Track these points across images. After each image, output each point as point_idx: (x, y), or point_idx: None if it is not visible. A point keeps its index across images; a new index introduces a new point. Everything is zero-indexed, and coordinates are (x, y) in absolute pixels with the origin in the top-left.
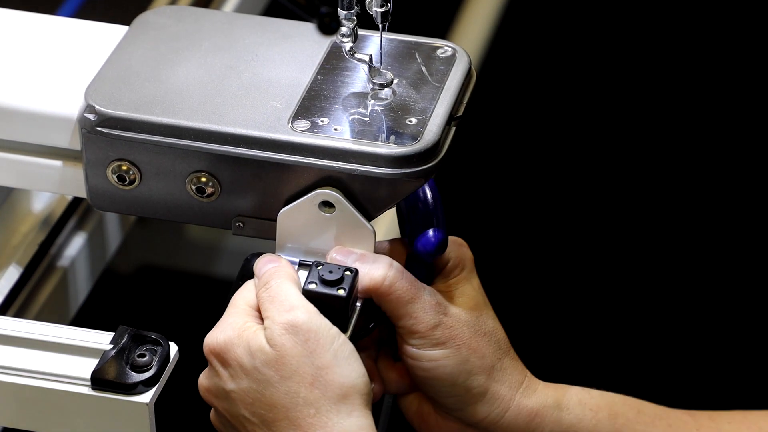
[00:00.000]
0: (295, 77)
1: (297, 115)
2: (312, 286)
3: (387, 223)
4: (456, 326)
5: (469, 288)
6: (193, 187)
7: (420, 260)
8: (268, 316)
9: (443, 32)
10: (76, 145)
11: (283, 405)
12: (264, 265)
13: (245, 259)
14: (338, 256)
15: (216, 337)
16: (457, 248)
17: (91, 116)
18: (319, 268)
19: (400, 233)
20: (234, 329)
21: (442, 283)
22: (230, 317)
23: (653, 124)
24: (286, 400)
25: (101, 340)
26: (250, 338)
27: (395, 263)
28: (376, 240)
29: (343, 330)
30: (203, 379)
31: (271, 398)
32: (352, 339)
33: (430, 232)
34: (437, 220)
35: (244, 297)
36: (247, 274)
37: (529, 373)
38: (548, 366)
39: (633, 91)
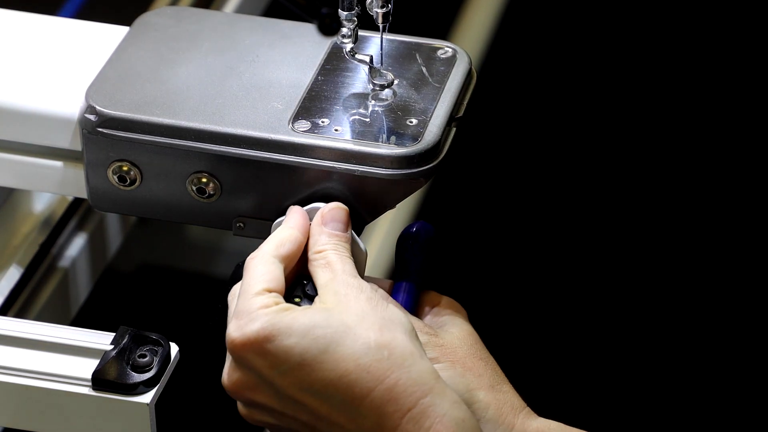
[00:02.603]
0: (296, 78)
1: (297, 116)
2: (297, 300)
3: (385, 227)
4: (448, 345)
5: (461, 322)
6: (194, 188)
7: (406, 258)
8: (329, 277)
9: (444, 33)
10: (77, 146)
11: (351, 354)
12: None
13: (236, 265)
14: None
15: (246, 329)
16: (449, 300)
17: (91, 117)
18: (307, 285)
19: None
20: (266, 315)
21: (434, 317)
22: (252, 300)
23: (654, 125)
24: (356, 347)
25: (102, 340)
26: (293, 313)
27: (380, 289)
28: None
29: None
30: (227, 380)
31: (335, 354)
32: None
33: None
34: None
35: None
36: (238, 279)
37: (527, 406)
38: (546, 369)
39: (634, 91)
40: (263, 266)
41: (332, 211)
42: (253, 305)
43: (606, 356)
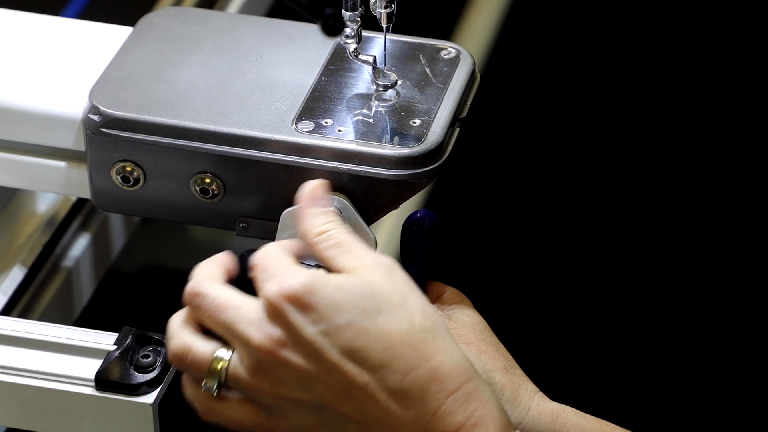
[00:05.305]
0: (299, 78)
1: (301, 116)
2: None
3: (388, 229)
4: (461, 327)
5: (470, 311)
6: (197, 188)
7: (411, 246)
8: (350, 257)
9: (447, 34)
10: (81, 146)
11: (397, 331)
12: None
13: (240, 255)
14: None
15: (289, 283)
16: (455, 290)
17: (95, 117)
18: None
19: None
20: (309, 272)
21: (440, 306)
22: (289, 265)
23: (658, 125)
24: (402, 326)
25: (105, 340)
26: (338, 277)
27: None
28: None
29: None
30: (261, 336)
31: (383, 326)
32: None
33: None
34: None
35: (285, 247)
36: (241, 270)
37: (539, 390)
38: (547, 367)
39: (637, 92)
40: (280, 250)
41: (313, 190)
42: (292, 267)
43: (609, 348)
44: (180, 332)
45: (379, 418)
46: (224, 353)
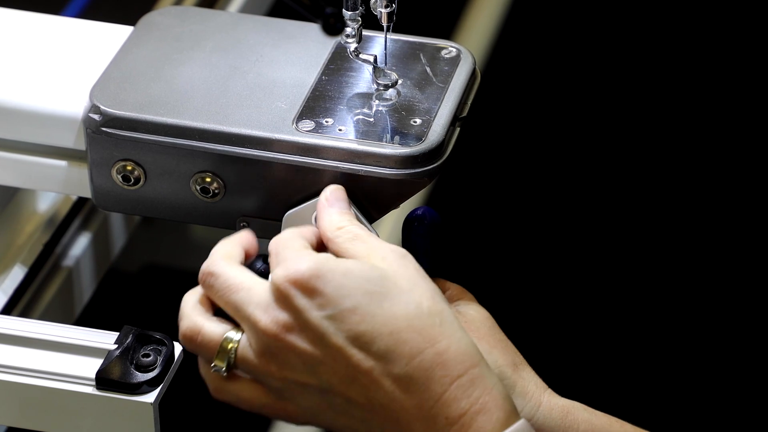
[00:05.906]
0: (300, 78)
1: (301, 116)
2: None
3: (389, 228)
4: (470, 321)
5: (477, 306)
6: (198, 188)
7: (414, 241)
8: (366, 246)
9: (448, 33)
10: (81, 146)
11: (405, 315)
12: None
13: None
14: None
15: (296, 267)
16: (459, 287)
17: (95, 116)
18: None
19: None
20: (316, 255)
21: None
22: (299, 250)
23: (658, 125)
24: (410, 309)
25: (106, 339)
26: (347, 262)
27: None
28: None
29: None
30: (268, 320)
31: (389, 310)
32: None
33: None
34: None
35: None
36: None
37: (548, 387)
38: (550, 363)
39: (637, 91)
40: (293, 235)
41: (334, 192)
42: (301, 251)
43: (612, 345)
44: (191, 313)
45: (383, 403)
46: (234, 335)
